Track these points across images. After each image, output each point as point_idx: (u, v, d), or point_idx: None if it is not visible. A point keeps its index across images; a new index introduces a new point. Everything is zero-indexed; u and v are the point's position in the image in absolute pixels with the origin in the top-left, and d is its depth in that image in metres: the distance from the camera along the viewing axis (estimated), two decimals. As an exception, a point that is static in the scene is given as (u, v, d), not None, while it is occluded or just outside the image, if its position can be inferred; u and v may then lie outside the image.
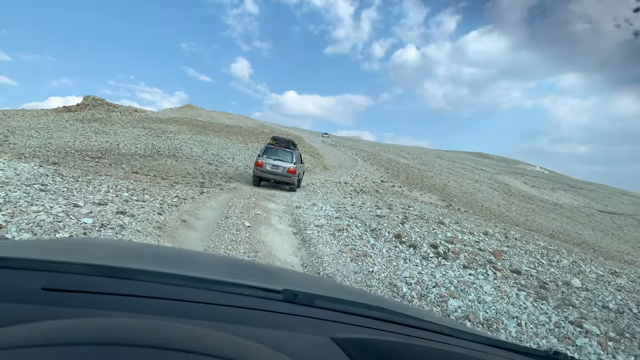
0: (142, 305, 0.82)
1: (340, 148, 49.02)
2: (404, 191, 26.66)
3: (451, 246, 7.18)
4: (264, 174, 15.78)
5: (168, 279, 0.97)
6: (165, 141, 27.65)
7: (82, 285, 0.83)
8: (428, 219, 9.72)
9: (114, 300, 0.81)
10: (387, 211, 10.16)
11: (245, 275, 1.58)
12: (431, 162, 52.09)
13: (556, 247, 8.90)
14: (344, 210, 10.33)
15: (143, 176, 13.75)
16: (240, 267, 1.96)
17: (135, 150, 23.33)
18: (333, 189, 18.93)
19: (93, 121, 36.21)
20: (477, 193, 36.85)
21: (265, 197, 12.78)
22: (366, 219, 8.90)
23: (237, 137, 37.51)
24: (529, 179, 62.54)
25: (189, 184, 13.70)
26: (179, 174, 16.50)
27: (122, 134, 28.76)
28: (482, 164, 79.66)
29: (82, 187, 7.82)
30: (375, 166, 35.90)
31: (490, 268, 6.32)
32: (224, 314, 0.85)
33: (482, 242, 7.87)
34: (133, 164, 17.65)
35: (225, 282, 1.07)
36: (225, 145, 30.52)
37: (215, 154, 25.43)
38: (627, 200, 60.73)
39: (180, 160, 21.70)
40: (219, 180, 16.16)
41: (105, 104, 53.97)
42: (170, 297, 0.87)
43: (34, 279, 0.80)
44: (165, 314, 0.79)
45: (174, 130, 34.14)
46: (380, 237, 7.47)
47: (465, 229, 8.96)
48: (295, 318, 0.92)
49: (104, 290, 0.84)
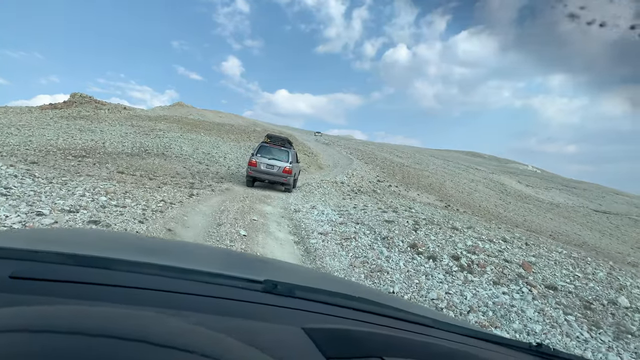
0: (118, 295, 0.79)
1: (334, 147, 48.15)
2: (401, 191, 25.93)
3: (474, 257, 6.34)
4: (258, 174, 14.84)
5: (145, 268, 0.95)
6: (154, 139, 26.55)
7: (55, 274, 0.80)
8: (439, 223, 8.89)
9: (88, 290, 0.78)
10: (394, 215, 9.32)
11: (230, 265, 1.56)
12: (426, 162, 51.44)
13: (581, 255, 8.11)
14: (347, 214, 9.46)
15: (129, 176, 12.81)
16: (227, 257, 1.92)
17: (122, 148, 22.28)
18: (330, 190, 18.08)
19: (79, 119, 34.88)
20: (474, 193, 36.28)
21: (260, 199, 11.88)
22: (374, 224, 8.03)
23: (229, 136, 36.40)
24: (523, 178, 62.35)
25: (177, 184, 12.78)
26: (168, 174, 15.53)
27: (109, 132, 27.56)
28: (475, 162, 79.45)
29: (54, 191, 6.86)
30: (370, 165, 35.12)
31: (523, 284, 5.49)
32: (202, 304, 0.83)
33: (505, 251, 7.04)
34: (119, 164, 16.65)
35: (205, 272, 1.04)
36: (216, 143, 29.48)
37: (206, 153, 24.44)
38: (621, 200, 60.73)
39: (170, 159, 20.70)
40: (210, 180, 15.21)
41: (93, 102, 52.55)
42: (146, 287, 0.85)
43: (2, 266, 0.77)
44: (142, 304, 0.77)
45: (163, 128, 32.96)
46: (393, 247, 6.60)
47: (482, 235, 8.14)
48: (273, 308, 0.91)
49: (78, 280, 0.81)
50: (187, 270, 1.02)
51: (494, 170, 65.61)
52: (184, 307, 0.78)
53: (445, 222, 9.29)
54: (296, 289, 1.01)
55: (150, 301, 0.79)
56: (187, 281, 0.92)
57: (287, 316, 0.89)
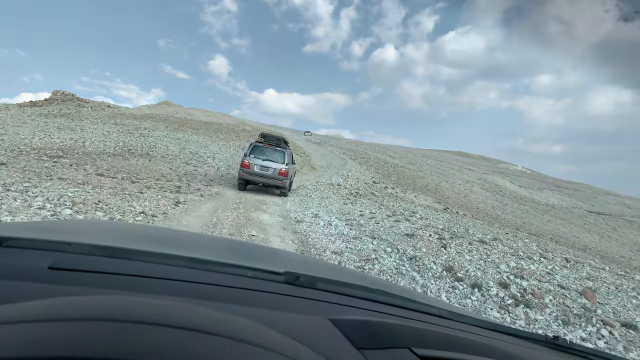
0: (146, 285, 0.80)
1: (326, 147, 46.95)
2: (398, 193, 24.88)
3: (525, 284, 5.20)
4: (251, 177, 13.56)
5: (172, 260, 0.96)
6: (138, 139, 25.05)
7: (88, 265, 0.81)
8: (462, 235, 7.76)
9: (118, 280, 0.79)
10: (409, 225, 8.16)
11: (248, 257, 1.56)
12: (419, 162, 50.57)
13: (627, 272, 7.04)
14: (356, 224, 8.27)
15: (108, 179, 11.46)
16: (243, 249, 1.91)
17: (104, 148, 20.79)
18: (328, 193, 16.89)
19: (59, 116, 33.07)
20: (470, 194, 35.44)
21: (255, 206, 10.65)
22: (394, 239, 6.86)
23: (217, 135, 34.93)
24: (515, 178, 61.96)
25: (162, 188, 11.47)
26: (152, 176, 14.18)
27: (90, 130, 25.94)
28: (465, 163, 78.98)
29: (7, 201, 5.56)
30: (364, 166, 34.04)
31: (598, 323, 4.36)
32: (226, 294, 0.84)
33: (554, 273, 5.93)
34: (99, 165, 15.24)
35: (228, 264, 1.04)
36: (204, 143, 28.05)
37: (193, 153, 23.05)
38: (612, 200, 60.65)
39: (155, 159, 19.29)
40: (198, 183, 13.91)
41: (76, 99, 50.58)
42: (174, 278, 0.85)
43: (40, 258, 0.79)
44: (169, 294, 0.77)
45: (148, 127, 31.38)
46: (426, 272, 5.42)
47: (518, 250, 7.02)
48: (296, 300, 0.91)
49: (109, 270, 0.82)
50: (213, 262, 1.02)
51: (487, 170, 65.11)
52: (212, 297, 0.79)
53: (466, 233, 8.19)
54: (317, 281, 1.00)
55: (180, 292, 0.78)
56: (212, 272, 0.93)
57: (311, 307, 0.88)
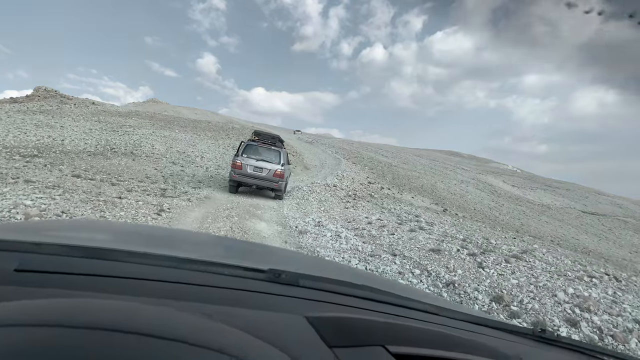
0: (121, 286, 0.78)
1: (318, 146, 45.80)
2: (395, 194, 23.84)
3: (596, 319, 4.15)
4: (243, 179, 12.38)
5: (150, 259, 0.93)
6: (122, 136, 23.68)
7: (58, 266, 0.79)
8: (492, 249, 6.71)
9: (91, 281, 0.77)
10: (428, 236, 7.11)
11: (233, 254, 1.54)
12: (412, 161, 49.73)
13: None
14: (368, 235, 7.18)
15: (85, 182, 10.22)
16: (232, 246, 1.87)
17: (84, 146, 19.42)
18: (325, 195, 15.79)
19: (39, 113, 31.41)
20: (466, 195, 34.62)
21: (249, 212, 9.51)
22: (418, 256, 5.79)
23: (206, 133, 33.57)
24: (507, 178, 61.55)
25: (145, 192, 10.26)
26: (135, 178, 12.94)
27: (71, 127, 24.47)
28: (456, 162, 78.51)
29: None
30: (358, 166, 32.97)
31: None
32: (205, 294, 0.82)
33: (619, 301, 4.91)
34: (76, 165, 13.94)
35: (208, 262, 1.02)
36: (192, 141, 26.72)
37: (180, 152, 21.76)
38: (604, 200, 60.56)
39: (139, 159, 17.99)
40: (185, 185, 12.70)
41: (59, 96, 48.80)
42: (150, 278, 0.83)
43: (7, 259, 0.76)
44: (144, 294, 0.75)
45: (133, 125, 29.92)
46: (470, 302, 4.34)
47: (560, 266, 5.99)
48: (277, 298, 0.89)
49: (81, 272, 0.79)
50: (190, 260, 1.00)
51: (479, 170, 64.64)
52: (187, 298, 0.77)
53: (489, 244, 7.16)
54: (300, 278, 0.99)
55: (155, 292, 0.77)
56: (190, 271, 0.92)
57: (290, 305, 0.87)
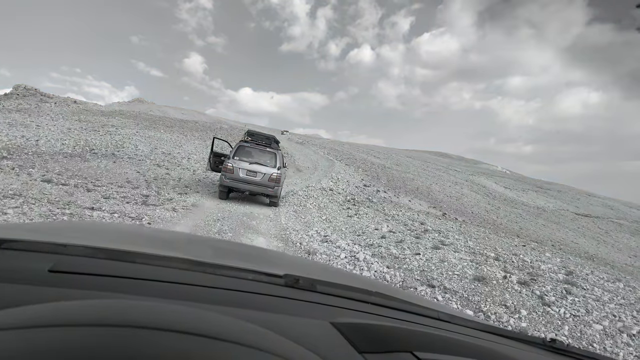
0: (147, 288, 0.79)
1: (309, 147, 44.65)
2: (392, 198, 22.84)
3: None
4: (235, 184, 11.18)
5: (172, 262, 0.95)
6: (103, 137, 22.22)
7: (88, 268, 0.81)
8: (540, 273, 5.65)
9: (119, 283, 0.78)
10: (460, 257, 6.03)
11: (246, 259, 1.55)
12: (405, 163, 48.88)
13: None
14: (388, 254, 6.09)
15: (56, 188, 8.96)
16: (243, 251, 1.90)
17: (61, 147, 17.98)
18: (324, 200, 14.67)
19: (15, 112, 29.68)
20: (462, 197, 33.81)
21: (243, 223, 8.35)
22: (462, 288, 4.73)
23: (193, 133, 32.16)
24: (498, 179, 61.14)
25: (125, 199, 9.04)
26: (115, 182, 11.64)
27: (48, 127, 22.92)
28: (446, 163, 78.07)
29: None
30: (352, 167, 31.93)
31: None
32: (226, 297, 0.83)
33: None
34: (49, 167, 12.58)
35: (229, 266, 1.04)
36: (178, 142, 25.36)
37: (166, 153, 20.43)
38: (595, 202, 60.51)
39: (121, 161, 16.65)
40: (170, 191, 11.44)
41: (39, 94, 46.92)
42: (173, 281, 0.84)
43: (40, 260, 0.78)
44: (170, 297, 0.77)
45: (116, 124, 28.40)
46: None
47: (620, 293, 4.95)
48: (297, 302, 0.90)
49: (109, 273, 0.82)
50: (212, 264, 1.02)
51: (471, 171, 64.16)
52: (212, 300, 0.78)
53: (522, 262, 6.12)
54: (317, 284, 1.00)
55: (182, 295, 0.78)
56: (212, 275, 0.93)
57: (312, 310, 0.88)
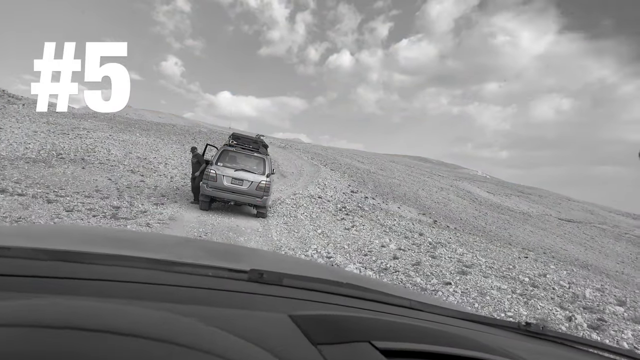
0: (97, 288, 0.77)
1: (292, 151, 43.42)
2: (381, 204, 21.89)
3: None
4: (219, 193, 9.96)
5: (128, 262, 0.93)
6: (72, 140, 20.58)
7: (29, 270, 0.78)
8: (600, 309, 4.64)
9: (59, 284, 0.76)
10: (490, 283, 5.04)
11: (215, 257, 1.54)
12: (389, 167, 48.19)
13: None
14: (413, 286, 5.02)
15: (8, 199, 7.63)
16: (212, 249, 1.89)
17: (24, 152, 16.39)
18: (314, 209, 13.57)
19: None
20: (449, 203, 33.21)
21: (228, 239, 7.23)
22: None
23: (170, 137, 30.55)
24: (480, 184, 61.15)
25: (91, 212, 7.79)
26: (81, 191, 10.26)
27: (11, 130, 21.11)
28: (429, 168, 77.98)
29: None
30: (337, 172, 30.91)
31: None
32: (184, 295, 0.82)
33: None
34: (7, 174, 11.10)
35: (187, 263, 1.03)
36: (155, 146, 23.84)
37: (141, 158, 18.96)
38: (575, 206, 61.11)
39: (91, 167, 15.16)
40: (145, 201, 10.13)
41: (7, 95, 44.14)
42: (129, 280, 0.83)
43: None
44: (123, 296, 0.75)
45: (88, 127, 26.63)
46: None
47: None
48: (259, 297, 0.90)
49: (50, 275, 0.78)
50: (170, 262, 0.99)
51: (453, 176, 64.03)
52: (167, 299, 0.77)
53: (567, 294, 5.16)
54: (282, 277, 1.00)
55: (137, 294, 0.77)
56: (170, 273, 0.91)
57: (273, 304, 0.87)
